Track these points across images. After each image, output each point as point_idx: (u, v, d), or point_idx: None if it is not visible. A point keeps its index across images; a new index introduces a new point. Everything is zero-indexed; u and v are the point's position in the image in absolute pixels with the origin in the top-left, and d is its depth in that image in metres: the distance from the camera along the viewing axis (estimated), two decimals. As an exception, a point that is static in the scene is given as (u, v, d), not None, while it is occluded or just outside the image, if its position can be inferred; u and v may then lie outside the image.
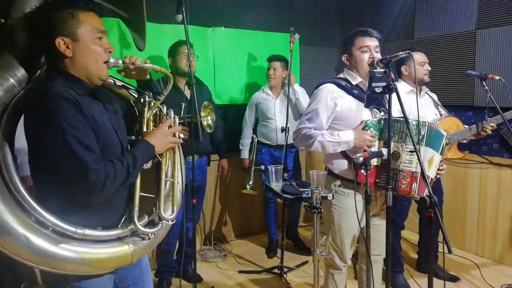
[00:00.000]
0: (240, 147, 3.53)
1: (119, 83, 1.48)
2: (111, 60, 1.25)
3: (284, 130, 3.10)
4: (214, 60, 3.51)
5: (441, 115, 2.75)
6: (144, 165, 1.32)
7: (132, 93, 1.52)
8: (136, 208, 1.29)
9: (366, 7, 4.14)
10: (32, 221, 1.17)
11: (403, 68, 2.71)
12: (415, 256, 3.15)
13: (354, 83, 2.03)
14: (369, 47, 1.98)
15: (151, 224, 1.36)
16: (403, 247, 3.02)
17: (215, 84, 3.54)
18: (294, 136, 2.08)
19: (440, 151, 1.92)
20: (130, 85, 1.51)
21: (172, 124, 1.41)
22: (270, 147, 3.40)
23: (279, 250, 3.35)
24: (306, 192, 2.04)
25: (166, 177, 1.40)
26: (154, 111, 1.44)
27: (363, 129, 1.92)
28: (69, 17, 1.18)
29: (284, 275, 3.02)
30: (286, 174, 3.08)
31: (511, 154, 3.12)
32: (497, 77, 2.56)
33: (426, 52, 2.78)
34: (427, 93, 2.79)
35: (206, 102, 2.32)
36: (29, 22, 1.19)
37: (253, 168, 3.33)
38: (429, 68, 2.70)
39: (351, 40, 2.02)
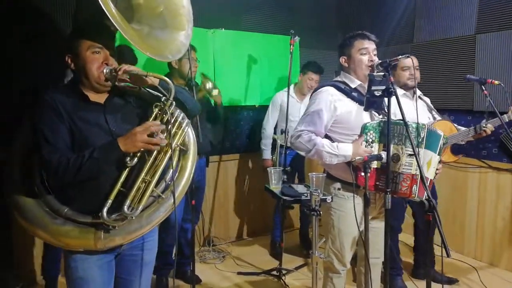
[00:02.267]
0: (262, 147, 3.48)
1: (145, 90, 1.58)
2: (105, 70, 1.47)
3: (284, 132, 3.10)
4: (214, 62, 3.52)
5: (434, 119, 2.74)
6: (128, 162, 1.41)
7: (151, 97, 1.57)
8: (109, 201, 1.39)
9: (366, 10, 4.15)
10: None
11: None
12: (411, 259, 3.14)
13: (353, 86, 2.03)
14: (368, 50, 1.99)
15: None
16: (400, 251, 3.02)
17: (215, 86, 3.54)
18: (293, 139, 2.07)
19: (438, 151, 1.93)
20: (153, 92, 1.56)
21: (155, 125, 1.43)
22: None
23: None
24: (305, 195, 2.04)
25: (146, 176, 1.43)
26: (163, 115, 1.47)
27: (362, 131, 1.93)
28: (74, 40, 1.50)
29: (283, 277, 3.02)
30: (285, 176, 3.07)
31: (510, 158, 3.13)
32: (496, 82, 2.56)
33: (426, 56, 2.79)
34: (420, 98, 2.79)
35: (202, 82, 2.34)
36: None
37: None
38: (412, 72, 2.62)
39: (350, 42, 2.03)
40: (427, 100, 2.84)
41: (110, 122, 1.50)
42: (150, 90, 1.56)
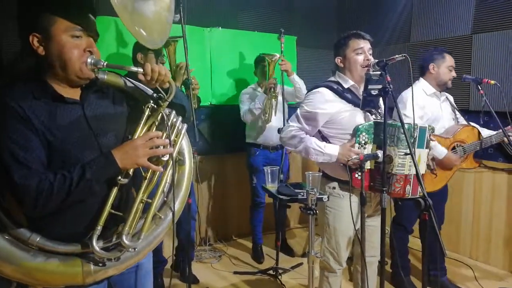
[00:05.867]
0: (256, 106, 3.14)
1: (129, 83, 1.30)
2: (89, 60, 1.15)
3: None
4: (211, 60, 3.52)
5: (456, 119, 2.74)
6: (119, 180, 1.17)
7: (139, 96, 1.33)
8: (99, 227, 1.15)
9: (363, 9, 4.15)
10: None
11: (431, 66, 2.62)
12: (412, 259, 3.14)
13: (346, 86, 2.03)
14: (363, 49, 2.00)
15: (119, 246, 1.19)
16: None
17: (212, 85, 3.54)
18: (283, 134, 2.10)
19: (425, 145, 1.92)
20: (140, 87, 1.31)
21: (158, 137, 1.20)
22: (265, 148, 3.31)
23: (265, 253, 3.38)
24: (302, 194, 2.04)
25: (143, 196, 1.21)
26: (158, 118, 1.26)
27: (354, 133, 1.93)
28: (46, 13, 1.13)
29: (279, 277, 3.02)
30: (282, 176, 3.07)
31: (505, 158, 3.14)
32: (492, 82, 2.57)
33: (423, 56, 2.78)
34: (447, 97, 2.77)
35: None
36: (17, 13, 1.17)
37: None
38: (455, 75, 2.64)
39: (345, 42, 2.03)
40: (451, 98, 2.82)
41: (93, 124, 1.20)
42: (138, 84, 1.29)
